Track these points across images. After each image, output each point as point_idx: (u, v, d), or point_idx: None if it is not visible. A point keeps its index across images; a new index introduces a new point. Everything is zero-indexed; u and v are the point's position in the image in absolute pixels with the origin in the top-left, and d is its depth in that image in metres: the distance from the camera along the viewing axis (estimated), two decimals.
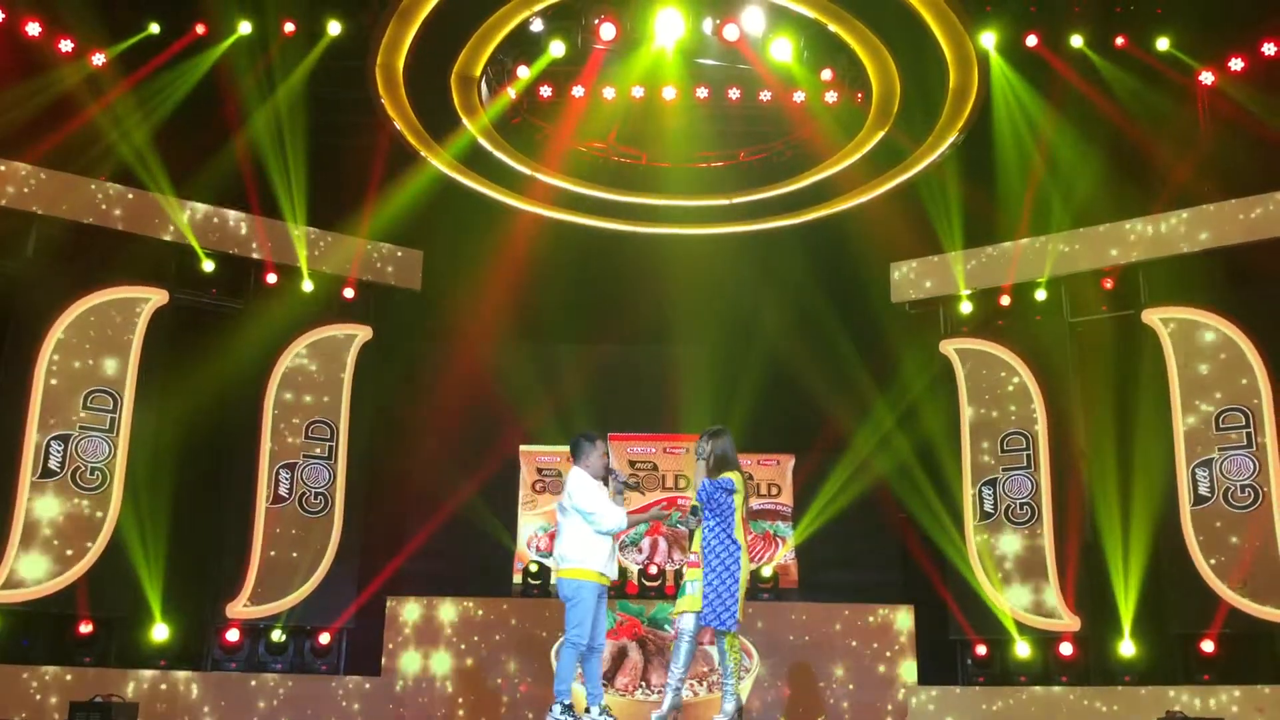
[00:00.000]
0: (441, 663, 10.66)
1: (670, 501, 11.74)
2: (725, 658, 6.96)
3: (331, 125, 11.23)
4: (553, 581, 8.37)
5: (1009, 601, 10.50)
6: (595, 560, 7.17)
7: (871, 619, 10.82)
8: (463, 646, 10.74)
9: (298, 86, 10.88)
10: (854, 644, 10.72)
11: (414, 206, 11.55)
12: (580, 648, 7.12)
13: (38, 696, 9.21)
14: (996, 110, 10.98)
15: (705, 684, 10.49)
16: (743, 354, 11.66)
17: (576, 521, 7.20)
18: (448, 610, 10.84)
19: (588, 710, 7.20)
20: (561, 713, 7.03)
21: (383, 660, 10.62)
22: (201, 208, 10.75)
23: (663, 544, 11.56)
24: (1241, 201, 10.21)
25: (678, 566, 11.14)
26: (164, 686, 9.70)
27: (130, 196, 10.46)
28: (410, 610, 10.79)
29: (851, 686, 10.61)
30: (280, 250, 11.07)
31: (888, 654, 10.66)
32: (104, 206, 10.36)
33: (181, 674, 9.87)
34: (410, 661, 10.65)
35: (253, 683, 10.07)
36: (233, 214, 10.92)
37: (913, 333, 11.66)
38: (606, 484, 7.38)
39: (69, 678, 9.36)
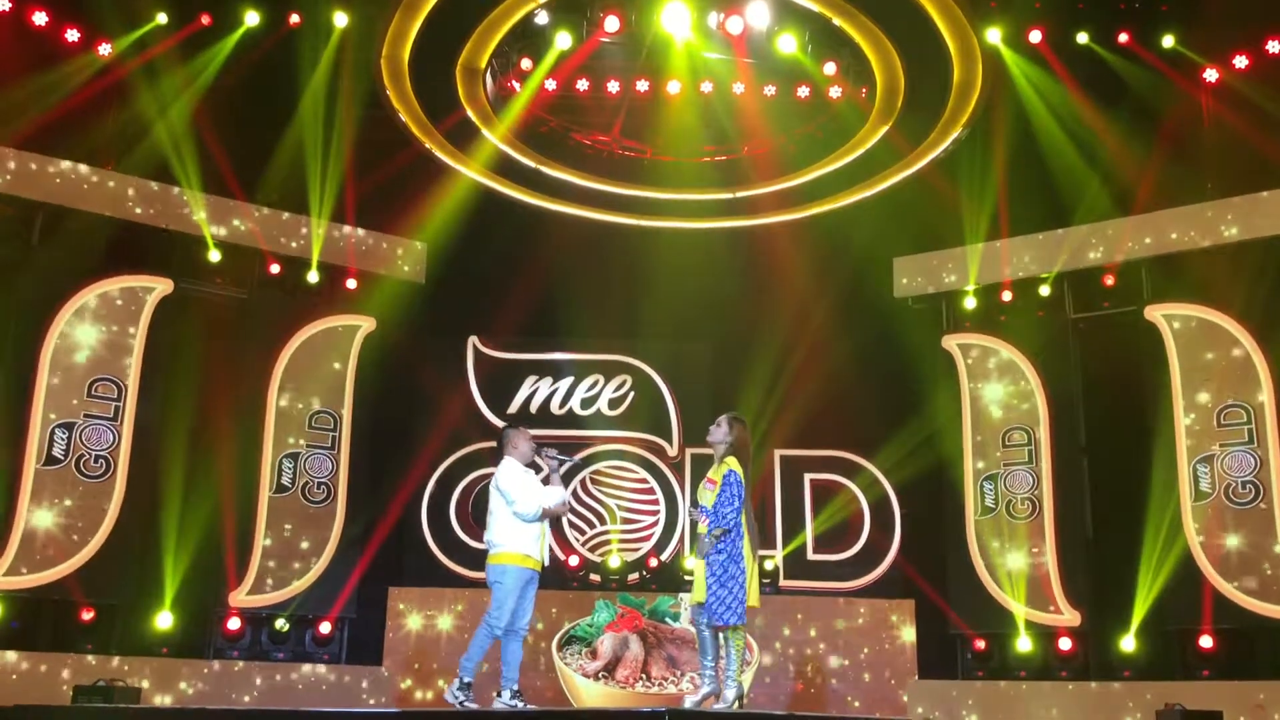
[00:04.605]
0: (442, 653, 10.69)
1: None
2: (729, 646, 6.94)
3: (335, 116, 11.23)
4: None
5: (1009, 596, 10.51)
6: (520, 544, 7.24)
7: (872, 613, 10.84)
8: (464, 637, 10.75)
9: (302, 78, 10.89)
10: (854, 637, 10.75)
11: (418, 199, 11.57)
12: (497, 630, 7.19)
13: (40, 682, 9.23)
14: (1001, 106, 10.97)
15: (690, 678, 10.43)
16: (743, 350, 11.64)
17: (502, 506, 7.29)
18: (449, 600, 10.88)
19: (498, 694, 7.17)
20: (459, 689, 7.11)
21: (384, 650, 10.66)
22: (207, 198, 10.75)
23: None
24: (1244, 198, 10.24)
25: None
26: (166, 673, 9.75)
27: (136, 185, 10.49)
28: (412, 600, 10.82)
29: (852, 679, 10.64)
30: (285, 241, 11.10)
31: (888, 647, 10.69)
32: (110, 195, 10.38)
33: (183, 661, 9.92)
34: (411, 651, 10.68)
35: (254, 671, 10.11)
36: (238, 204, 10.94)
37: (915, 328, 11.66)
38: (538, 466, 7.47)
39: (71, 664, 9.40)
